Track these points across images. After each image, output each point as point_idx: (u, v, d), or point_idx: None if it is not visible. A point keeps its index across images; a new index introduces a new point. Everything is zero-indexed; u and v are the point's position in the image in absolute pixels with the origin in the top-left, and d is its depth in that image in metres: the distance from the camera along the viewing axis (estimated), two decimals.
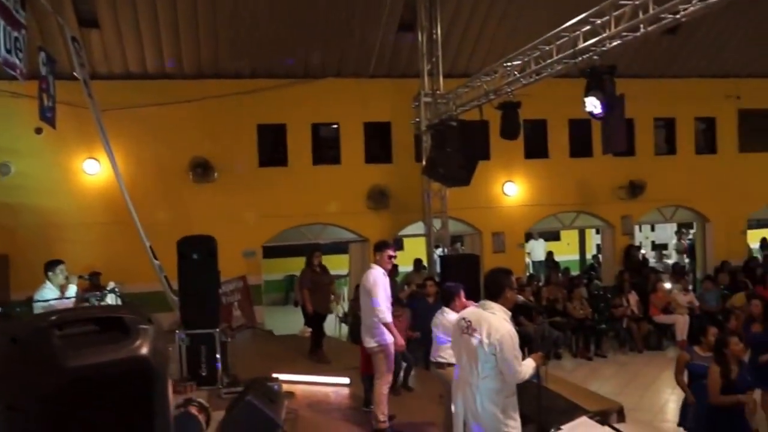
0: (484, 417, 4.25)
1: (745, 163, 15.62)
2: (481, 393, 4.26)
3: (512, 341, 4.16)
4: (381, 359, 6.46)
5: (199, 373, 8.22)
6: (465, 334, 4.38)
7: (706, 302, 12.73)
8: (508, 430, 4.24)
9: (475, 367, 4.27)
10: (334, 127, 13.84)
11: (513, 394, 4.32)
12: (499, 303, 4.35)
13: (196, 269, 8.38)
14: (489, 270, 4.82)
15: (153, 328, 1.71)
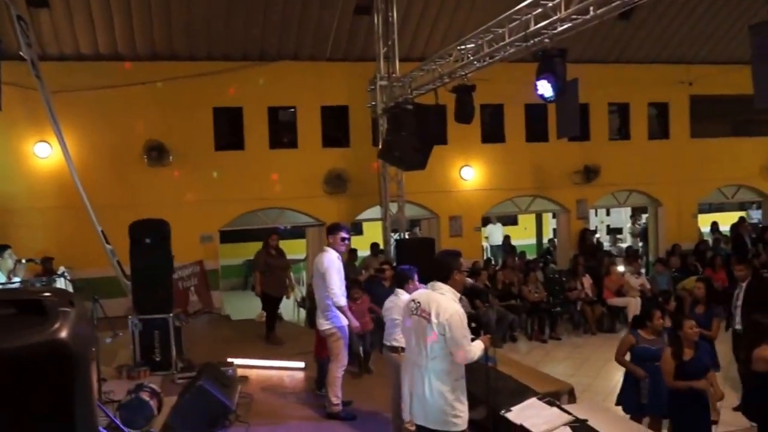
0: (431, 399, 4.26)
1: (697, 148, 15.98)
2: (429, 374, 4.26)
3: (461, 321, 4.18)
4: (334, 342, 6.46)
5: (152, 359, 8.16)
6: (414, 315, 4.39)
7: (657, 285, 13.03)
8: (455, 413, 4.25)
9: (424, 347, 4.28)
10: (291, 110, 13.71)
11: (462, 377, 4.33)
12: (448, 285, 4.37)
13: (149, 254, 8.30)
14: (438, 252, 4.86)
15: (75, 311, 1.67)
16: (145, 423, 6.04)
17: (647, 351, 6.11)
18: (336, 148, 13.71)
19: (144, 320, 8.16)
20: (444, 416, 4.25)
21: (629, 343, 6.25)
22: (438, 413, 4.26)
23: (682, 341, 5.81)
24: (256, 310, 11.97)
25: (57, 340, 1.60)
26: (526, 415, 5.16)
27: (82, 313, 1.72)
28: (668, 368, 5.75)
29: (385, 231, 12.26)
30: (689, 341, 5.84)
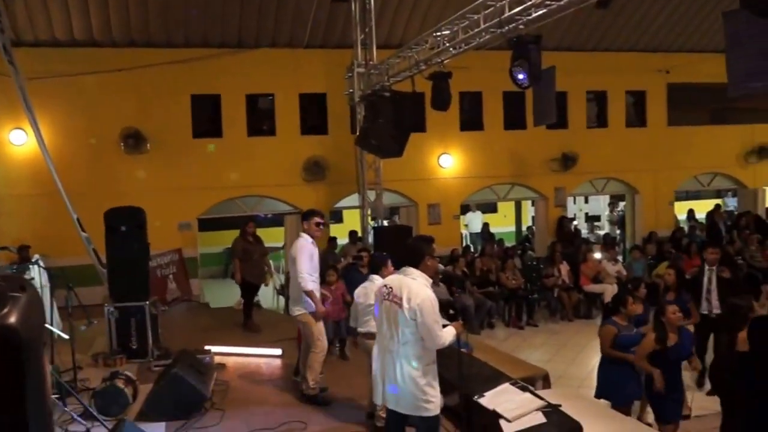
0: (402, 384, 4.27)
1: (674, 136, 16.13)
2: (400, 359, 4.28)
3: (432, 306, 4.20)
4: (309, 327, 6.48)
5: (129, 346, 8.16)
6: (386, 300, 4.41)
7: (633, 271, 13.17)
8: (427, 398, 4.26)
9: (396, 332, 4.29)
10: (269, 98, 13.63)
11: (433, 362, 4.34)
12: (420, 270, 4.38)
13: (125, 241, 8.28)
14: (410, 238, 4.88)
15: (26, 297, 1.66)
16: (120, 410, 6.05)
17: (629, 338, 6.07)
18: (314, 136, 13.67)
19: (120, 308, 8.16)
20: (415, 401, 4.27)
21: (612, 333, 6.12)
22: (409, 398, 4.28)
23: (665, 327, 5.84)
24: (236, 298, 11.97)
25: (5, 326, 1.59)
26: (499, 401, 5.21)
27: (33, 299, 1.71)
28: (644, 352, 5.77)
29: (363, 218, 12.27)
30: (673, 326, 5.87)
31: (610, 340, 6.09)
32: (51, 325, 6.60)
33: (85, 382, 7.03)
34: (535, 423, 4.78)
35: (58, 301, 7.79)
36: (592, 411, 5.69)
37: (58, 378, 6.08)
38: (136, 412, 6.25)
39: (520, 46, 6.77)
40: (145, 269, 8.54)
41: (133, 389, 6.42)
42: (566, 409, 4.98)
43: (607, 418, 5.62)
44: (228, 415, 6.27)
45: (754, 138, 16.76)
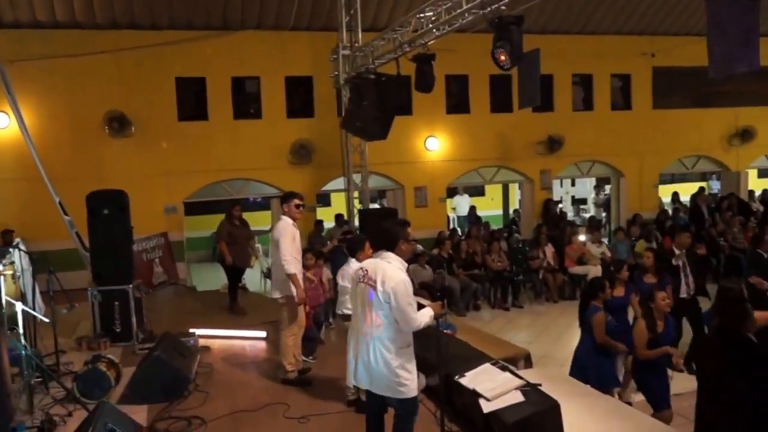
0: (376, 367, 4.29)
1: (659, 119, 16.19)
2: (374, 342, 4.29)
3: (406, 289, 4.21)
4: (287, 310, 6.50)
5: (113, 330, 8.15)
6: (361, 282, 4.43)
7: (617, 253, 13.27)
8: (400, 381, 4.28)
9: (370, 315, 4.32)
10: (254, 80, 13.54)
11: (408, 345, 4.35)
12: (395, 254, 4.40)
13: (107, 224, 8.24)
14: (384, 222, 4.90)
15: None
16: (102, 393, 6.04)
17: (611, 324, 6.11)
18: (300, 119, 13.61)
19: (104, 291, 8.13)
20: (389, 383, 4.29)
21: (604, 320, 6.08)
22: (383, 380, 4.30)
23: (654, 313, 5.85)
24: (223, 282, 11.97)
25: None
26: (479, 380, 5.25)
27: None
28: (642, 340, 5.75)
29: (348, 202, 12.26)
30: (661, 313, 5.89)
31: (604, 328, 6.04)
32: (33, 310, 6.59)
33: (69, 366, 7.03)
34: (514, 401, 4.83)
35: (40, 286, 7.76)
36: (570, 390, 5.78)
37: (38, 362, 6.09)
38: (119, 395, 6.26)
39: (501, 27, 6.75)
40: (128, 252, 8.51)
41: (116, 372, 6.42)
42: (546, 388, 5.03)
43: (586, 397, 5.70)
44: (211, 398, 6.29)
45: (738, 121, 16.85)
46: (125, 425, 4.69)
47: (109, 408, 4.84)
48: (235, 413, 5.89)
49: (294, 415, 5.77)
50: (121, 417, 4.81)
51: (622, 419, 5.11)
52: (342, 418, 5.73)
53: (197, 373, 6.85)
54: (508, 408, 4.79)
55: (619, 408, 5.43)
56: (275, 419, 5.77)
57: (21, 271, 7.71)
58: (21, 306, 5.84)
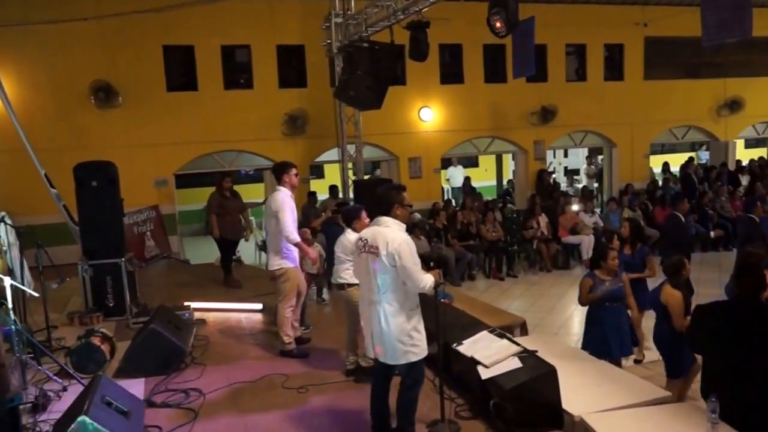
0: (387, 331, 4.28)
1: (650, 90, 16.16)
2: (383, 307, 4.29)
3: (410, 249, 4.20)
4: (283, 282, 6.44)
5: (105, 305, 8.04)
6: (363, 252, 4.40)
7: (610, 223, 13.31)
8: (413, 342, 4.29)
9: (376, 282, 4.30)
10: (245, 49, 13.29)
11: (417, 306, 4.36)
12: (391, 218, 4.38)
13: (96, 197, 8.05)
14: (380, 187, 4.86)
15: None
16: (97, 368, 5.98)
17: (608, 292, 6.08)
18: (293, 89, 13.41)
19: (95, 266, 7.99)
20: (403, 347, 4.29)
21: (588, 285, 6.15)
22: (396, 345, 4.29)
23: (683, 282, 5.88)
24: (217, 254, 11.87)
25: None
26: (476, 348, 5.25)
27: None
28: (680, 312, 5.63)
29: (343, 173, 12.15)
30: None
31: (586, 292, 6.15)
32: (22, 284, 6.48)
33: (61, 341, 6.95)
34: (512, 368, 4.83)
35: (29, 261, 7.65)
36: (567, 355, 5.80)
37: (30, 337, 6.00)
38: (114, 369, 6.21)
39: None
40: (119, 225, 8.34)
41: (110, 346, 6.36)
42: (542, 354, 5.03)
43: (583, 362, 5.72)
44: (208, 370, 6.25)
45: (726, 92, 16.85)
46: (123, 398, 4.63)
47: (106, 381, 4.77)
48: (233, 385, 5.85)
49: (293, 386, 5.75)
50: (118, 390, 4.75)
51: (619, 384, 5.11)
52: (341, 387, 5.72)
53: (193, 346, 6.80)
54: (506, 374, 4.80)
55: (614, 373, 5.44)
56: (274, 390, 5.74)
57: (7, 245, 7.59)
58: (9, 281, 5.71)
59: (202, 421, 5.10)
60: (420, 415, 4.82)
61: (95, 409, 4.14)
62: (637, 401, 4.73)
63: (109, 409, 4.34)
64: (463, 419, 4.94)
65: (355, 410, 5.11)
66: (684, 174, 16.00)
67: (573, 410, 4.61)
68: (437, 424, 4.80)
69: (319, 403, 5.44)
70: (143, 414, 4.86)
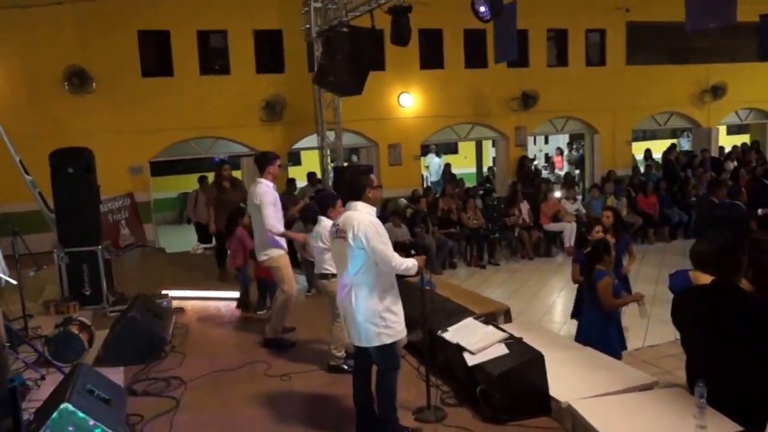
0: (359, 313, 4.26)
1: (632, 75, 16.15)
2: (356, 291, 4.27)
3: (375, 229, 4.20)
4: (278, 271, 6.36)
5: (82, 293, 7.89)
6: (337, 238, 4.42)
7: (592, 210, 13.33)
8: (386, 324, 4.25)
9: (349, 266, 4.29)
10: (221, 34, 13.06)
11: (392, 287, 4.32)
12: (363, 202, 4.39)
13: (72, 184, 7.91)
14: (348, 172, 4.83)
15: None
16: (75, 356, 5.85)
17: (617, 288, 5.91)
18: (271, 75, 13.23)
19: (71, 253, 7.85)
20: (375, 328, 4.24)
21: (610, 284, 5.74)
22: (368, 326, 4.25)
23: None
24: (192, 243, 11.74)
25: None
26: (462, 335, 5.21)
27: None
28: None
29: (322, 159, 12.02)
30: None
31: (611, 293, 5.73)
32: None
33: (37, 330, 6.79)
34: (498, 354, 4.79)
35: (4, 249, 7.45)
36: (552, 342, 5.76)
37: (8, 324, 5.84)
38: (92, 357, 6.07)
39: None
40: (95, 212, 8.21)
41: (88, 335, 6.22)
42: (528, 341, 5.00)
43: (568, 349, 5.69)
44: (189, 358, 6.15)
45: (709, 78, 16.90)
46: (104, 386, 4.52)
47: (87, 369, 4.67)
48: (215, 372, 5.75)
49: (275, 374, 5.67)
50: (99, 378, 4.65)
51: (605, 369, 5.09)
52: (324, 375, 5.65)
53: (172, 334, 6.69)
54: (493, 360, 4.76)
55: (600, 359, 5.41)
56: (256, 377, 5.66)
57: None
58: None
59: (185, 410, 5.01)
60: (406, 402, 4.78)
61: (77, 396, 4.06)
62: (624, 387, 4.70)
63: (91, 396, 4.26)
64: (449, 406, 4.89)
65: (338, 397, 5.05)
66: (666, 161, 16.09)
67: (560, 397, 4.58)
68: (423, 411, 4.75)
69: (302, 390, 5.37)
70: (126, 402, 4.76)
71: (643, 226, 13.58)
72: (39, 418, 4.10)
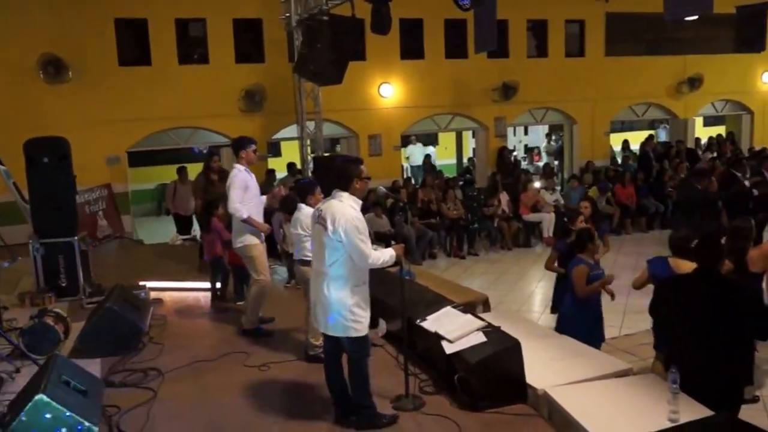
0: (329, 303, 4.27)
1: (611, 66, 16.25)
2: (328, 281, 4.27)
3: (356, 227, 4.17)
4: (250, 261, 6.33)
5: (58, 284, 7.80)
6: (317, 223, 4.40)
7: (570, 200, 13.43)
8: (355, 318, 4.25)
9: (325, 255, 4.28)
10: (200, 23, 12.91)
11: (363, 283, 4.32)
12: (349, 192, 4.34)
13: (48, 173, 7.76)
14: (337, 160, 4.79)
15: None
16: (51, 348, 5.77)
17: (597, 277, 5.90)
18: (250, 64, 13.11)
19: (47, 244, 7.73)
20: (343, 321, 4.26)
21: (585, 273, 5.79)
22: (337, 318, 4.27)
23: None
24: (171, 234, 11.65)
25: None
26: (440, 323, 5.23)
27: None
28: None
29: (302, 150, 11.96)
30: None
31: (584, 279, 5.79)
32: None
33: (12, 322, 6.68)
34: (476, 342, 4.83)
35: None
36: (530, 331, 5.82)
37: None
38: (69, 349, 6.01)
39: None
40: (72, 203, 8.09)
41: (64, 326, 6.16)
42: (506, 330, 5.04)
43: (545, 337, 5.76)
44: (167, 349, 6.11)
45: (686, 69, 17.05)
46: (80, 377, 4.48)
47: (63, 360, 4.62)
48: (194, 363, 5.72)
49: (254, 363, 5.66)
50: (75, 369, 4.60)
51: (581, 357, 5.15)
52: (303, 364, 5.64)
53: (150, 325, 6.63)
54: (471, 348, 4.79)
55: (577, 347, 5.47)
56: (235, 367, 5.64)
57: None
58: None
59: (163, 401, 4.98)
60: (384, 391, 4.80)
61: (53, 387, 4.02)
62: (600, 374, 4.77)
63: (67, 388, 4.23)
64: (428, 394, 4.92)
65: (317, 386, 5.04)
66: (642, 152, 16.25)
67: (537, 384, 4.63)
68: (401, 399, 4.77)
69: (281, 380, 5.37)
70: (102, 393, 4.73)
71: (620, 216, 13.72)
72: (13, 410, 4.06)
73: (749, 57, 16.00)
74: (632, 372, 5.00)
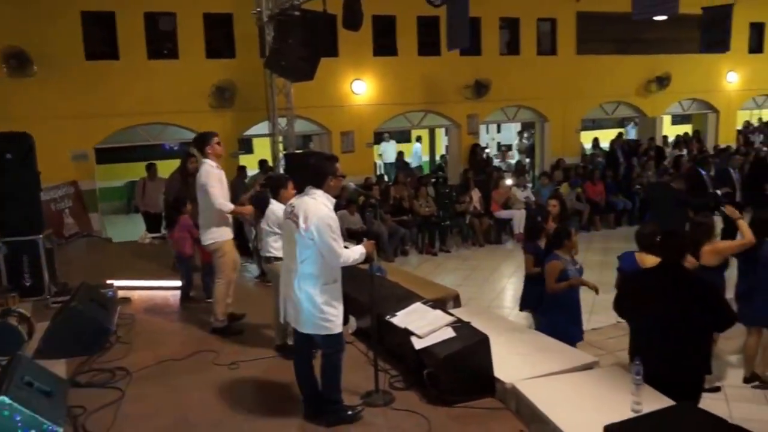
0: (302, 303, 4.24)
1: (582, 65, 16.43)
2: (299, 278, 4.24)
3: (329, 225, 4.13)
4: (219, 258, 6.27)
5: (22, 284, 7.61)
6: (288, 219, 4.37)
7: (541, 197, 13.53)
8: (325, 317, 4.23)
9: (296, 252, 4.25)
10: (170, 17, 12.73)
11: (335, 281, 4.29)
12: (323, 190, 4.30)
13: (11, 170, 7.58)
14: (312, 157, 4.75)
15: None
16: (15, 349, 5.64)
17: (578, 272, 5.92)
18: (221, 60, 12.98)
19: (10, 243, 7.56)
20: (314, 319, 4.24)
21: (558, 269, 5.80)
22: (308, 316, 4.25)
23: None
24: (140, 232, 11.48)
25: None
26: (410, 319, 5.24)
27: None
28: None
29: (273, 146, 11.88)
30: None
31: (555, 276, 5.81)
32: None
33: None
34: (445, 337, 4.85)
35: None
36: (499, 326, 5.85)
37: None
38: (33, 350, 5.89)
39: None
40: (36, 200, 7.89)
41: (28, 327, 6.04)
42: (475, 325, 5.07)
43: (514, 332, 5.80)
44: (135, 348, 6.03)
45: (655, 68, 17.31)
46: (44, 378, 4.40)
47: (26, 361, 4.53)
48: (162, 362, 5.65)
49: (223, 362, 5.61)
50: (39, 370, 4.53)
51: (548, 351, 5.20)
52: (272, 362, 5.60)
53: (118, 325, 6.54)
54: (440, 343, 4.81)
55: (544, 341, 5.52)
56: (204, 366, 5.58)
57: None
58: None
59: (131, 401, 4.91)
60: (354, 386, 4.80)
61: (15, 389, 3.97)
62: (566, 367, 4.81)
63: (31, 389, 4.16)
64: (398, 390, 4.92)
65: (287, 384, 5.01)
66: (611, 149, 16.47)
67: (505, 378, 4.66)
68: (371, 395, 4.77)
69: (251, 378, 5.34)
70: (67, 394, 4.65)
71: (590, 213, 13.88)
72: None
73: (715, 57, 16.33)
74: (598, 365, 5.06)
